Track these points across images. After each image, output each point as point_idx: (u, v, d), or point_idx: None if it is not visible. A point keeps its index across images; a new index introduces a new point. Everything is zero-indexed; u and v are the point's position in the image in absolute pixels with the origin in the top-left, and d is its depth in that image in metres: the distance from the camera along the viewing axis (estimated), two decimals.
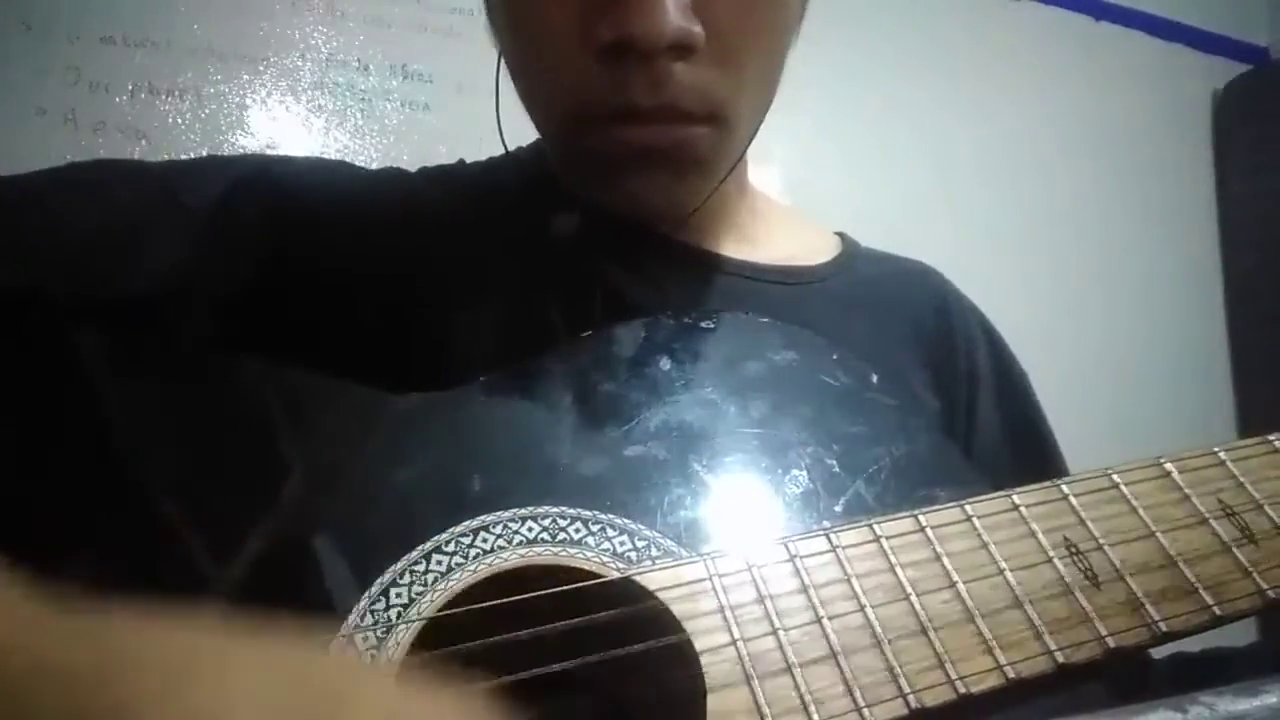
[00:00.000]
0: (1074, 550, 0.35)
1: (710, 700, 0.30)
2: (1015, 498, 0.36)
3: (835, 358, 0.44)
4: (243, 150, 1.24)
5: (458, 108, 1.34)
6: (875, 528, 0.35)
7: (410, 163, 0.60)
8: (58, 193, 0.45)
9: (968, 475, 0.41)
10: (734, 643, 0.31)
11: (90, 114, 1.16)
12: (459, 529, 0.35)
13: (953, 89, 1.69)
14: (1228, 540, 0.36)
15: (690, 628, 0.32)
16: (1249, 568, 0.35)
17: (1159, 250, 1.83)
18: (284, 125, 1.28)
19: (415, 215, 0.53)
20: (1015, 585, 0.34)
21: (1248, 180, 1.83)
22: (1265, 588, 0.34)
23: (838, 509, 0.38)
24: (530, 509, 0.36)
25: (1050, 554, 0.35)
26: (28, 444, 0.34)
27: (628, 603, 0.33)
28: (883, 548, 0.35)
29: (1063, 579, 0.34)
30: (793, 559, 0.34)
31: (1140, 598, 0.34)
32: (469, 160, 0.61)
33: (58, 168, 0.46)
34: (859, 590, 0.33)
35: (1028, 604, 0.33)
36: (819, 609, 0.32)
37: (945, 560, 0.34)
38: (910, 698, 0.30)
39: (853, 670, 0.31)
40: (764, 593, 0.33)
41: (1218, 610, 0.34)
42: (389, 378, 0.40)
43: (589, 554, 0.35)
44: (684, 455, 0.39)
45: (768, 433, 0.40)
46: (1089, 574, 0.34)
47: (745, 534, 0.37)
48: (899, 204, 1.54)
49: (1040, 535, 0.35)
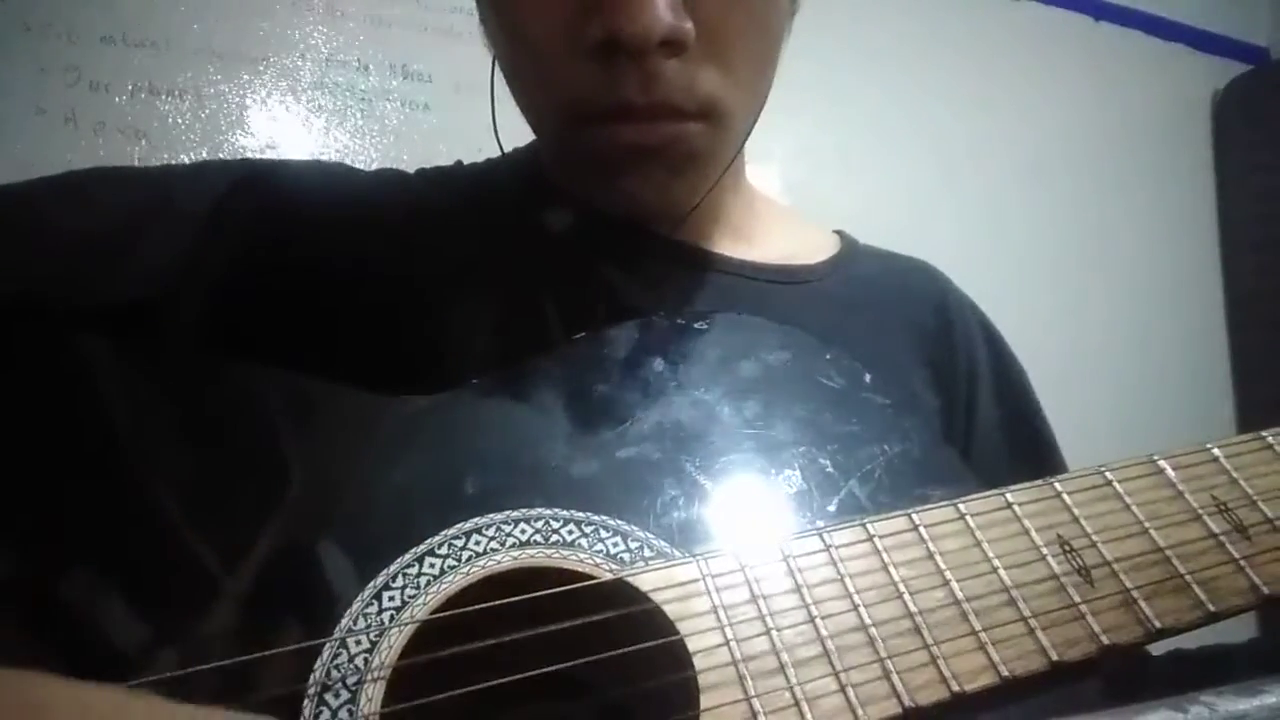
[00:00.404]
0: (1067, 548, 0.35)
1: (703, 700, 0.30)
2: (1009, 496, 0.36)
3: (828, 357, 0.44)
4: (243, 150, 1.24)
5: (457, 108, 1.34)
6: (868, 527, 0.35)
7: (410, 163, 0.60)
8: (53, 200, 0.45)
9: (961, 474, 0.41)
10: (727, 643, 0.31)
11: (90, 114, 1.16)
12: (452, 531, 0.35)
13: (953, 89, 1.69)
14: (1221, 535, 0.36)
15: (683, 628, 0.32)
16: (1242, 563, 0.35)
17: (1159, 250, 1.83)
18: (284, 125, 1.28)
19: (413, 217, 0.53)
20: (1009, 583, 0.34)
21: (1248, 180, 1.83)
22: (1259, 583, 0.34)
23: (831, 509, 0.38)
24: (523, 511, 0.36)
25: (1044, 551, 0.35)
26: (27, 450, 0.34)
27: (621, 604, 0.33)
28: (876, 547, 0.34)
29: (1056, 576, 0.34)
30: (786, 559, 0.34)
31: (1133, 594, 0.34)
32: (468, 160, 0.61)
33: (53, 176, 0.46)
34: (852, 590, 0.33)
35: (1021, 602, 0.33)
36: (812, 609, 0.32)
37: (938, 559, 0.34)
38: (904, 697, 0.30)
39: (846, 670, 0.31)
40: (757, 593, 0.33)
41: (1211, 606, 0.33)
42: (385, 380, 0.40)
43: (582, 556, 0.35)
44: (677, 456, 0.39)
45: (761, 433, 0.40)
46: (1082, 571, 0.34)
47: (738, 535, 0.37)
48: (899, 204, 1.54)
49: (1034, 533, 0.35)
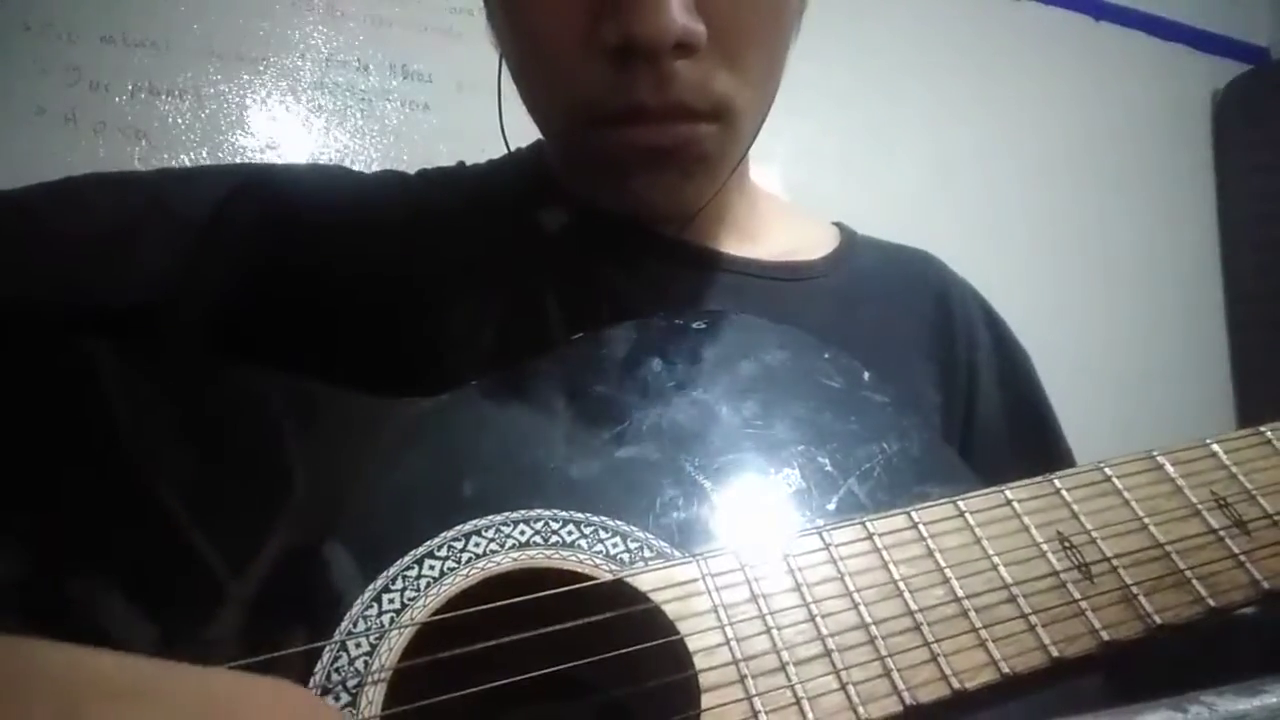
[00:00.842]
0: (1067, 544, 0.35)
1: (705, 700, 0.30)
2: (1008, 493, 0.36)
3: (827, 356, 0.44)
4: (243, 150, 1.25)
5: (458, 108, 1.34)
6: (868, 525, 0.35)
7: (410, 163, 0.60)
8: (51, 206, 0.45)
9: (960, 472, 0.41)
10: (728, 643, 0.31)
11: (90, 114, 1.16)
12: (451, 533, 0.35)
13: (953, 89, 1.69)
14: (1220, 531, 0.35)
15: (684, 628, 0.32)
16: (1242, 558, 0.35)
17: (1159, 250, 1.83)
18: (284, 125, 1.28)
19: (413, 218, 0.53)
20: (1008, 580, 0.34)
21: (1248, 180, 1.83)
22: (1259, 578, 0.34)
23: (830, 507, 0.38)
24: (522, 512, 0.36)
25: (1043, 548, 0.35)
26: (29, 451, 0.34)
27: (621, 604, 0.33)
28: (875, 545, 0.34)
29: (1056, 573, 0.34)
30: (785, 558, 0.34)
31: (1133, 590, 0.33)
32: (469, 161, 0.61)
33: (50, 182, 0.46)
34: (852, 588, 0.33)
35: (1021, 598, 0.33)
36: (812, 607, 0.32)
37: (938, 556, 0.34)
38: (905, 694, 0.30)
39: (847, 668, 0.31)
40: (757, 592, 0.33)
41: (1211, 602, 0.33)
42: (386, 381, 0.40)
43: (582, 556, 0.35)
44: (676, 456, 0.39)
45: (760, 432, 0.40)
46: (1082, 567, 0.34)
47: (738, 534, 0.37)
48: (899, 204, 1.54)
49: (1033, 529, 0.35)
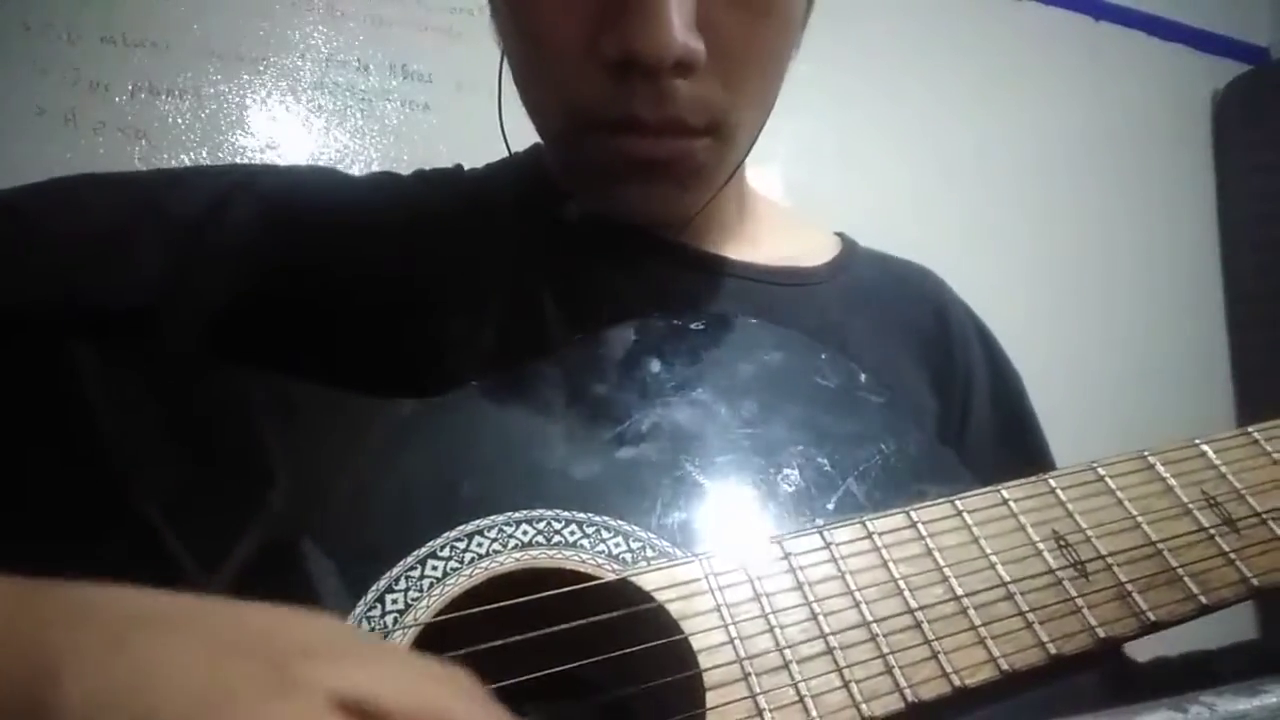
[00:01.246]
0: (1062, 543, 0.35)
1: (709, 699, 0.30)
2: (1004, 492, 0.37)
3: (823, 358, 0.44)
4: (242, 151, 1.24)
5: (458, 108, 1.34)
6: (867, 524, 0.35)
7: (410, 163, 0.60)
8: (43, 206, 0.45)
9: (957, 472, 0.42)
10: (731, 642, 0.32)
11: (90, 114, 1.16)
12: (454, 533, 0.35)
13: (953, 89, 1.69)
14: (1211, 529, 0.36)
15: (687, 627, 0.32)
16: (1232, 555, 0.35)
17: (1159, 250, 1.83)
18: (284, 125, 1.28)
19: (412, 219, 0.53)
20: (1006, 578, 0.34)
21: (1248, 180, 1.83)
22: (1249, 575, 0.35)
23: (830, 507, 0.38)
24: (525, 512, 0.36)
25: (1040, 547, 0.35)
26: (10, 451, 0.34)
27: (624, 604, 0.33)
28: (875, 544, 0.35)
29: (1052, 571, 0.34)
30: (786, 557, 0.34)
31: (1127, 587, 0.34)
32: (468, 161, 0.61)
33: (41, 182, 0.46)
34: (853, 586, 0.33)
35: (1018, 596, 0.34)
36: (814, 606, 0.33)
37: (937, 555, 0.35)
38: (906, 691, 0.31)
39: (849, 665, 0.31)
40: (759, 591, 0.33)
41: (1203, 599, 0.34)
42: (386, 382, 0.40)
43: (584, 556, 0.35)
44: (677, 456, 0.39)
45: (759, 432, 0.40)
46: (1077, 565, 0.35)
47: (739, 533, 0.37)
48: (899, 204, 1.54)
49: (1029, 528, 0.36)
